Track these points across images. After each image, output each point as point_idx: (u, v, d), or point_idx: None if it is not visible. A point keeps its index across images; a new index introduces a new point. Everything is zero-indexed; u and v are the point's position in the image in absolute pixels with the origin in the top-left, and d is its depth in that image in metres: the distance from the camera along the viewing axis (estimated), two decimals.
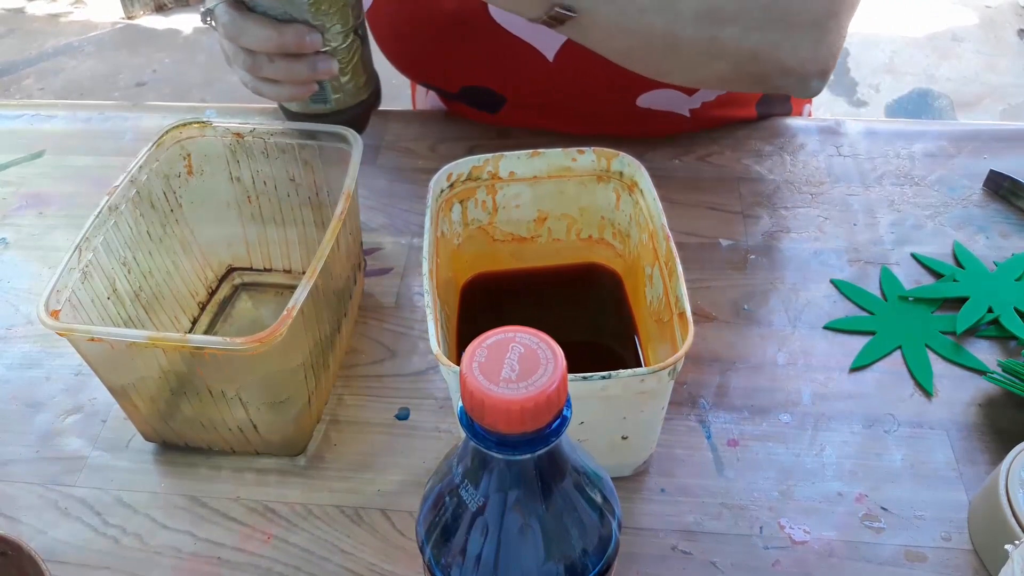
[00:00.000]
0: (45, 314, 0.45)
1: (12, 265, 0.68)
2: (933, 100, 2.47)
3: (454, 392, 0.45)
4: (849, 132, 0.77)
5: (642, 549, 0.48)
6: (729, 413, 0.54)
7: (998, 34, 2.74)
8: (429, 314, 0.45)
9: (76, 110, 0.84)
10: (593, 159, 0.55)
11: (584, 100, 0.74)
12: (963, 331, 0.58)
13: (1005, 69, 2.57)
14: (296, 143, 0.57)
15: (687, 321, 0.43)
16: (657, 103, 0.74)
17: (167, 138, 0.57)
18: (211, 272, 0.62)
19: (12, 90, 2.67)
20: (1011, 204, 0.69)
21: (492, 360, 0.28)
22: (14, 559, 0.41)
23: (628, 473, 0.51)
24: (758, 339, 0.59)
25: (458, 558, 0.32)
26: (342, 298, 0.56)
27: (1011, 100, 2.43)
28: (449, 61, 0.75)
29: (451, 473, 0.32)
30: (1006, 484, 0.45)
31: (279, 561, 0.48)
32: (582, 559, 0.32)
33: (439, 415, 0.55)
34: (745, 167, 0.73)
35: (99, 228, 0.51)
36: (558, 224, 0.59)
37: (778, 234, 0.67)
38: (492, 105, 0.77)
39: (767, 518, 0.49)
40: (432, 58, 0.75)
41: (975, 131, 0.76)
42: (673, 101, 0.73)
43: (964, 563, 0.47)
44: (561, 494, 0.31)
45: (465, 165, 0.55)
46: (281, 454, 0.53)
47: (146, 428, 0.53)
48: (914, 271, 0.63)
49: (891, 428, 0.53)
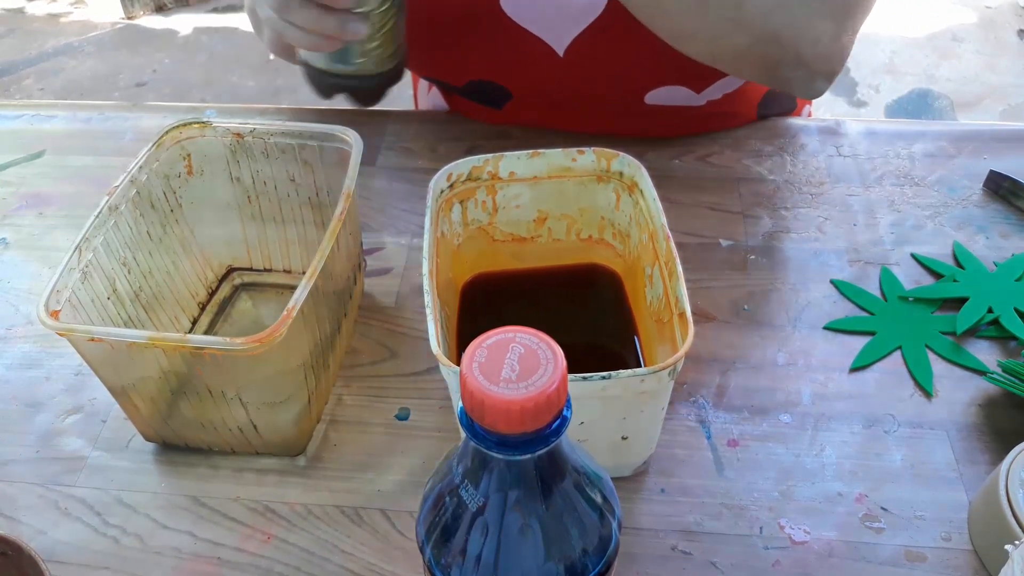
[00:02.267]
0: (45, 314, 0.45)
1: (12, 265, 0.68)
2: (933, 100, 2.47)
3: (454, 392, 0.45)
4: (849, 132, 0.77)
5: (642, 549, 0.48)
6: (729, 413, 0.54)
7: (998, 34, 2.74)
8: (429, 314, 0.45)
9: (76, 110, 0.84)
10: (593, 159, 0.55)
11: (592, 96, 0.73)
12: (963, 331, 0.58)
13: (1005, 69, 2.57)
14: (296, 143, 0.57)
15: (687, 321, 0.43)
16: (664, 100, 0.73)
17: (167, 138, 0.57)
18: (211, 272, 0.62)
19: (12, 90, 2.67)
20: (1011, 204, 0.69)
21: (492, 360, 0.28)
22: (14, 559, 0.41)
23: (628, 473, 0.51)
24: (758, 339, 0.59)
25: (458, 558, 0.32)
26: (342, 298, 0.56)
27: (1011, 100, 2.43)
28: (457, 54, 0.74)
29: (451, 473, 0.32)
30: (1006, 484, 0.45)
31: (279, 561, 0.48)
32: (582, 559, 0.32)
33: (439, 415, 0.55)
34: (745, 167, 0.73)
35: (99, 228, 0.51)
36: (558, 224, 0.59)
37: (778, 234, 0.67)
38: (497, 101, 0.77)
39: (767, 518, 0.49)
40: (439, 51, 0.74)
41: (975, 131, 0.76)
42: (680, 99, 0.73)
43: (964, 563, 0.47)
44: (561, 494, 0.31)
45: (465, 165, 0.55)
46: (281, 454, 0.53)
47: (146, 428, 0.53)
48: (914, 271, 0.63)
49: (891, 428, 0.53)
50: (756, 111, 0.79)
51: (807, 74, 0.64)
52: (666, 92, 0.72)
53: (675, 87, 0.72)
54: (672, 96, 0.73)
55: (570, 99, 0.74)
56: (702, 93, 0.73)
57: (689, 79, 0.71)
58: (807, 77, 0.64)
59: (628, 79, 0.70)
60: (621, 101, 0.73)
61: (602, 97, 0.73)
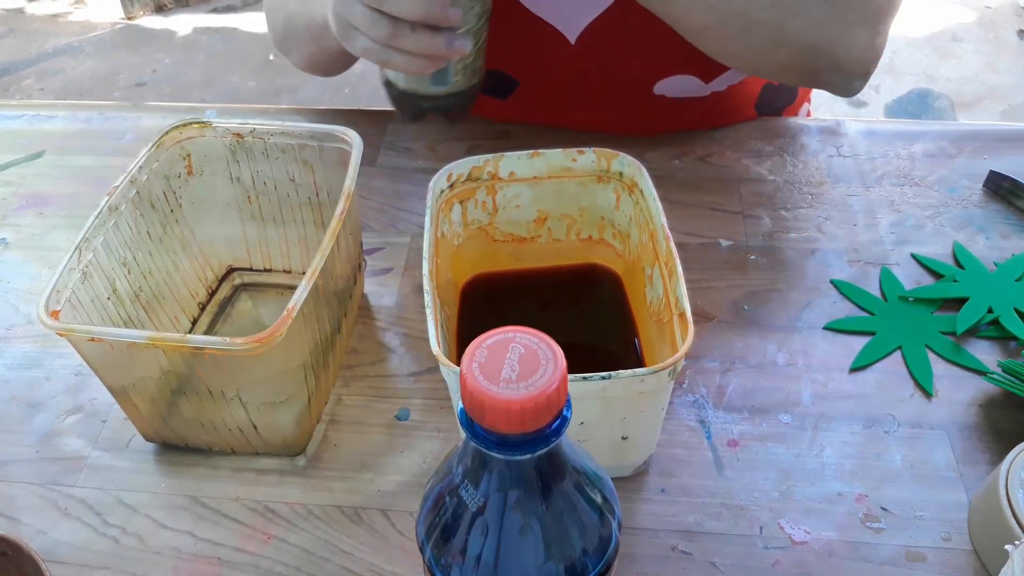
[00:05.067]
0: (45, 314, 0.45)
1: (12, 265, 0.68)
2: (933, 100, 2.47)
3: (454, 392, 0.45)
4: (849, 132, 0.77)
5: (642, 549, 0.48)
6: (729, 413, 0.54)
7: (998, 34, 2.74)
8: (429, 314, 0.45)
9: (76, 110, 0.84)
10: (593, 159, 0.55)
11: (600, 85, 0.73)
12: (963, 331, 0.58)
13: (1005, 69, 2.57)
14: (296, 143, 0.57)
15: (687, 321, 0.43)
16: (672, 91, 0.73)
17: (167, 138, 0.57)
18: (211, 272, 0.62)
19: (12, 90, 2.67)
20: (1011, 204, 0.69)
21: (492, 360, 0.28)
22: (14, 559, 0.41)
23: (628, 473, 0.51)
24: (758, 339, 0.59)
25: (458, 558, 0.32)
26: (342, 298, 0.56)
27: (1011, 100, 2.43)
28: None
29: (451, 473, 0.32)
30: (1006, 484, 0.45)
31: (279, 561, 0.48)
32: (582, 559, 0.32)
33: (439, 415, 0.55)
34: (745, 167, 0.73)
35: (99, 228, 0.51)
36: (558, 224, 0.59)
37: (778, 234, 0.67)
38: (503, 90, 0.76)
39: (767, 518, 0.49)
40: None
41: (975, 131, 0.76)
42: (688, 89, 0.73)
43: (964, 563, 0.47)
44: (561, 494, 0.31)
45: (465, 165, 0.55)
46: (281, 454, 0.53)
47: (146, 428, 0.53)
48: (914, 271, 0.63)
49: (891, 428, 0.53)
50: (755, 105, 0.79)
51: (846, 77, 0.66)
52: (675, 82, 0.72)
53: (685, 76, 0.71)
54: (680, 86, 0.73)
55: (578, 88, 0.74)
56: (710, 84, 0.73)
57: (699, 68, 0.71)
58: (846, 80, 0.66)
59: (639, 68, 0.70)
60: (629, 91, 0.73)
61: (610, 86, 0.73)
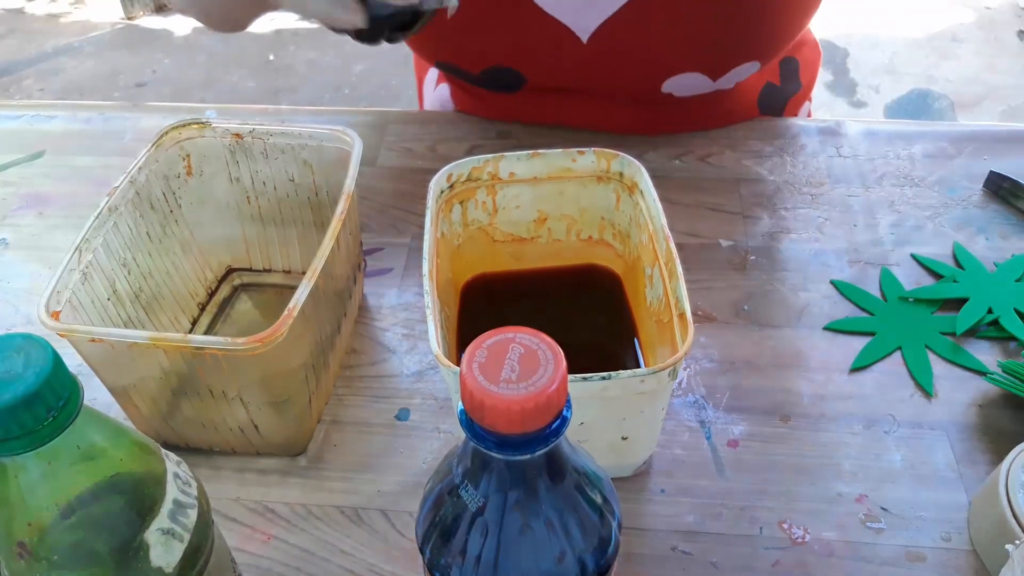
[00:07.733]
0: (45, 315, 0.45)
1: (12, 265, 0.68)
2: (933, 101, 2.47)
3: (454, 392, 0.45)
4: (849, 133, 0.77)
5: (642, 549, 0.48)
6: (729, 413, 0.54)
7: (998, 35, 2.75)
8: (429, 314, 0.45)
9: (76, 110, 0.84)
10: (593, 160, 0.55)
11: (609, 84, 0.73)
12: (963, 332, 0.58)
13: (1005, 70, 2.57)
14: (296, 143, 0.57)
15: (687, 322, 0.43)
16: (680, 89, 0.73)
17: (167, 138, 0.57)
18: (211, 272, 0.62)
19: (12, 90, 2.67)
20: (1011, 205, 0.69)
21: (492, 360, 0.28)
22: None
23: (628, 474, 0.51)
24: (758, 339, 0.59)
25: (458, 558, 0.32)
26: (342, 298, 0.56)
27: (1011, 101, 2.43)
28: (477, 40, 0.73)
29: (451, 473, 0.32)
30: (1006, 484, 0.45)
31: (279, 561, 0.48)
32: (582, 560, 0.32)
33: (439, 415, 0.55)
34: (745, 167, 0.73)
35: (99, 229, 0.51)
36: (558, 225, 0.59)
37: (778, 235, 0.67)
38: (512, 85, 0.76)
39: (767, 518, 0.49)
40: (462, 35, 0.73)
41: (975, 132, 0.76)
42: (695, 87, 0.73)
43: (964, 563, 0.47)
44: (561, 495, 0.31)
45: (465, 166, 0.55)
46: (282, 454, 0.53)
47: (146, 428, 0.53)
48: (914, 272, 0.63)
49: (891, 429, 0.53)
50: (757, 103, 0.79)
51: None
52: (684, 80, 0.72)
53: (694, 74, 0.71)
54: (688, 84, 0.73)
55: (586, 86, 0.74)
56: (717, 81, 0.73)
57: (708, 66, 0.71)
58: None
59: (650, 66, 0.70)
60: (637, 89, 0.73)
61: (619, 84, 0.73)
